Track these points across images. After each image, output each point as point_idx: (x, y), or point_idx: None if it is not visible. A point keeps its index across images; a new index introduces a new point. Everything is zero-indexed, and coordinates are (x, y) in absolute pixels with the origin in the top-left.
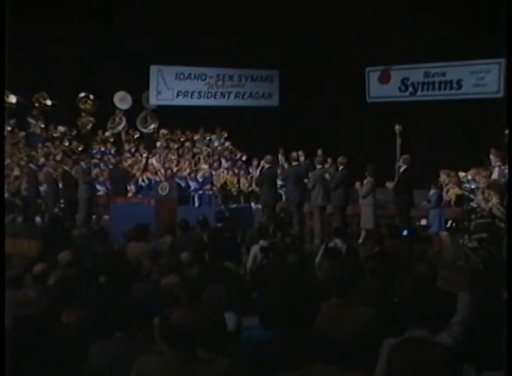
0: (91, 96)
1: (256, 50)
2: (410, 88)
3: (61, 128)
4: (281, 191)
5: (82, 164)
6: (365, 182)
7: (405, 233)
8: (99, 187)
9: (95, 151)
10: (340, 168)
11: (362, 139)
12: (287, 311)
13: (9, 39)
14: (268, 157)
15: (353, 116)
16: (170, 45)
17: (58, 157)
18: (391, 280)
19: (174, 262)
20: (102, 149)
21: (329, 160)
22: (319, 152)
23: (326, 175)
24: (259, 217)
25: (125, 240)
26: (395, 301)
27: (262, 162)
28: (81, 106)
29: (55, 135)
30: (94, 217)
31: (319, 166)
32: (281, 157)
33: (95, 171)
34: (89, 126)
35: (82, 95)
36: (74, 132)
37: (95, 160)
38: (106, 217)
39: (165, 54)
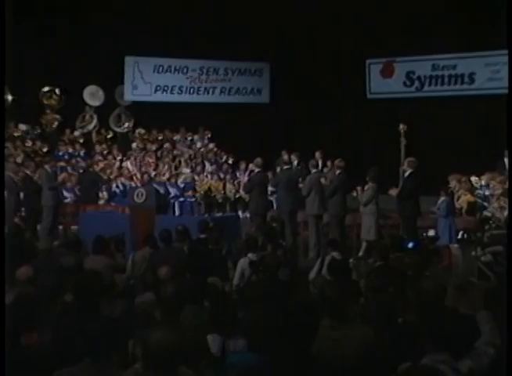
0: (57, 91)
1: (244, 40)
2: (416, 83)
3: (22, 127)
4: (272, 198)
5: (47, 167)
6: (366, 187)
7: (410, 245)
8: (66, 194)
9: (61, 153)
10: (338, 172)
11: (362, 140)
12: (278, 333)
13: None
14: (258, 159)
15: (352, 114)
16: (147, 33)
17: (19, 160)
18: (395, 298)
19: (150, 277)
20: (70, 150)
21: (326, 163)
22: (317, 154)
23: (322, 180)
24: (247, 227)
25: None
26: (399, 322)
27: (251, 165)
28: (46, 102)
29: (15, 134)
30: (60, 228)
31: (314, 170)
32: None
33: (61, 176)
34: (55, 124)
35: (47, 89)
36: (38, 131)
37: (62, 164)
38: (74, 227)
39: (142, 44)
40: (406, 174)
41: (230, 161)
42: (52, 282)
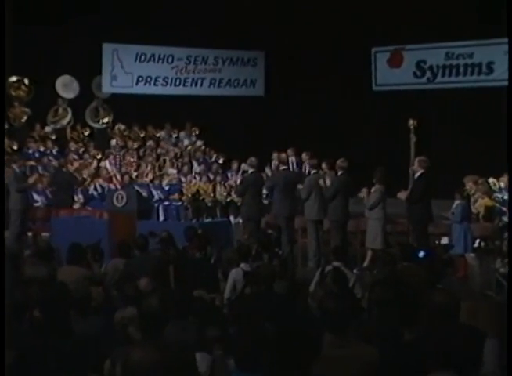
0: (26, 81)
1: (236, 26)
2: (428, 74)
3: None
4: (267, 202)
5: (15, 167)
6: (372, 190)
7: (421, 254)
8: (36, 197)
9: (31, 151)
10: (340, 172)
11: (368, 137)
12: (274, 352)
13: None
14: (252, 159)
15: (356, 108)
16: (128, 18)
17: None
18: (402, 314)
19: (130, 290)
20: (41, 148)
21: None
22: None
23: (321, 182)
24: (240, 234)
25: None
26: (408, 339)
27: (244, 165)
28: (13, 94)
29: None
30: (29, 234)
31: (313, 171)
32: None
33: (31, 177)
34: (24, 119)
35: (14, 79)
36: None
37: (32, 163)
38: (45, 234)
39: (122, 29)
40: (416, 175)
41: (221, 161)
42: (20, 295)
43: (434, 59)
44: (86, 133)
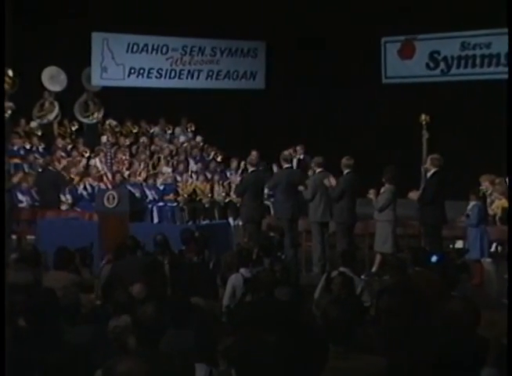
0: (10, 72)
1: (235, 14)
2: (442, 65)
3: None
4: (268, 202)
5: None
6: (382, 190)
7: (434, 259)
8: (20, 197)
9: (16, 148)
10: (346, 171)
11: (377, 134)
12: (275, 363)
13: None
14: (252, 156)
15: (364, 102)
16: (119, 5)
17: None
18: (415, 323)
19: (122, 296)
20: (27, 145)
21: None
22: (298, 148)
23: (326, 181)
24: (239, 237)
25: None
26: (419, 350)
27: (243, 164)
28: None
29: None
30: (14, 237)
31: (318, 169)
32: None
33: (16, 176)
34: (8, 113)
35: None
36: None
37: (16, 160)
38: (30, 237)
39: (112, 17)
40: (429, 174)
41: (219, 159)
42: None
43: (449, 49)
44: (74, 129)
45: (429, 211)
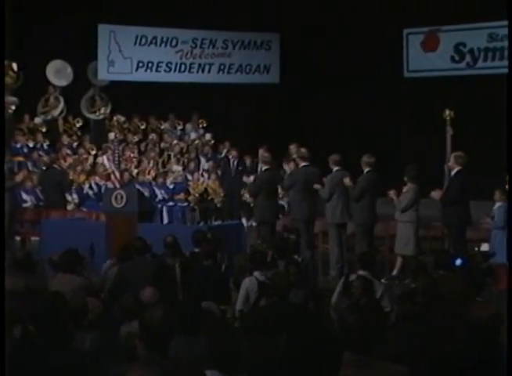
0: (15, 66)
1: (248, 5)
2: (467, 58)
3: None
4: (284, 202)
5: None
6: (404, 189)
7: (458, 262)
8: (25, 196)
9: (19, 145)
10: (366, 170)
11: (398, 130)
12: (291, 369)
13: None
14: (265, 154)
15: (385, 97)
16: None
17: None
18: (437, 328)
19: (130, 301)
20: (31, 142)
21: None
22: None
23: (346, 180)
24: (253, 239)
25: (54, 271)
26: (441, 358)
27: (257, 162)
28: None
29: None
30: (17, 239)
31: (336, 168)
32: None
33: (19, 174)
34: (11, 109)
35: None
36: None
37: (20, 158)
38: (34, 239)
39: (120, 9)
40: (453, 172)
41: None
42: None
43: (475, 41)
44: (80, 125)
45: (453, 212)
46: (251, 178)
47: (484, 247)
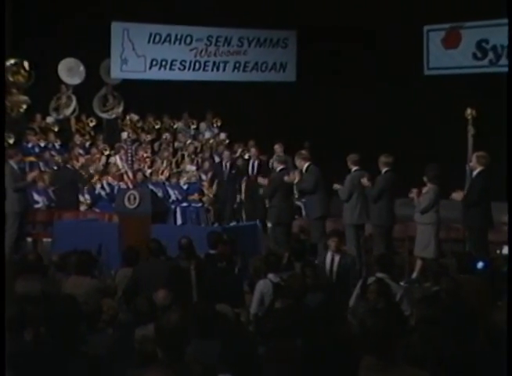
0: (26, 64)
1: (264, 1)
2: (490, 55)
3: None
4: (300, 203)
5: (12, 162)
6: (424, 190)
7: (479, 265)
8: (36, 197)
9: (31, 145)
10: (384, 170)
11: (418, 129)
12: (307, 374)
13: None
14: (280, 154)
15: (404, 95)
16: None
17: None
18: (458, 334)
19: (144, 303)
20: (43, 142)
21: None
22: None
23: (363, 181)
24: (268, 240)
25: (63, 274)
26: (461, 364)
27: (272, 162)
28: (11, 79)
29: None
30: (29, 240)
31: (354, 168)
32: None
33: (31, 174)
34: (23, 108)
35: (12, 62)
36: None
37: (32, 158)
38: (46, 240)
39: (133, 6)
40: (475, 173)
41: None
42: (10, 314)
43: (498, 37)
44: (93, 124)
45: (474, 213)
46: (265, 179)
47: (506, 249)
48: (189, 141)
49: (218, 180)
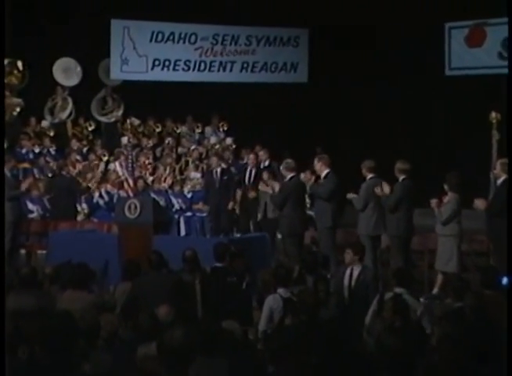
0: (20, 64)
1: None
2: None
3: None
4: (312, 213)
5: (5, 169)
6: (445, 200)
7: (505, 280)
8: (30, 206)
9: (25, 150)
10: (401, 177)
11: (438, 134)
12: None
13: None
14: (289, 161)
15: (424, 97)
16: None
17: None
18: (482, 353)
19: (146, 319)
20: (37, 147)
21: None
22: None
23: (378, 190)
24: (279, 252)
25: (58, 288)
26: None
27: (282, 169)
28: (5, 80)
29: None
30: (23, 252)
31: (370, 175)
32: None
33: (25, 182)
34: (16, 111)
35: (6, 62)
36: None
37: (26, 165)
38: (41, 252)
39: (134, 3)
40: (499, 181)
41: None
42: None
43: None
44: (91, 129)
45: (498, 224)
46: (276, 187)
47: None
48: (193, 146)
49: (210, 190)
